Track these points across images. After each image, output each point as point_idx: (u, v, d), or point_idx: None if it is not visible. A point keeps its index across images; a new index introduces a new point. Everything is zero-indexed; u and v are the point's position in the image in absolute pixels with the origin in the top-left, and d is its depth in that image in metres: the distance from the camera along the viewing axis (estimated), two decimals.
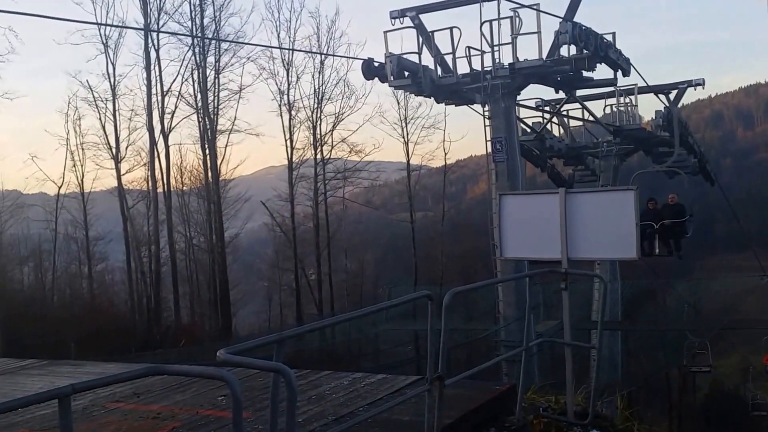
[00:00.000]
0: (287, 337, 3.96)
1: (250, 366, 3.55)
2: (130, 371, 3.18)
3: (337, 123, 33.72)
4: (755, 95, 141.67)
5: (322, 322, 5.09)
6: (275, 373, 3.54)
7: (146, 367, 3.18)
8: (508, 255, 7.00)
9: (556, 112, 18.15)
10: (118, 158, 30.71)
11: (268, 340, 3.85)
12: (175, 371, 3.30)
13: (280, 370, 3.40)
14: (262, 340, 3.88)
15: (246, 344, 3.76)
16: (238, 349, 3.66)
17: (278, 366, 3.41)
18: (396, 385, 6.80)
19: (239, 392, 3.12)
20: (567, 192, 6.35)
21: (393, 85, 15.14)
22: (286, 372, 3.37)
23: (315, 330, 5.33)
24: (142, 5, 29.47)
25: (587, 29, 13.29)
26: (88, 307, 28.16)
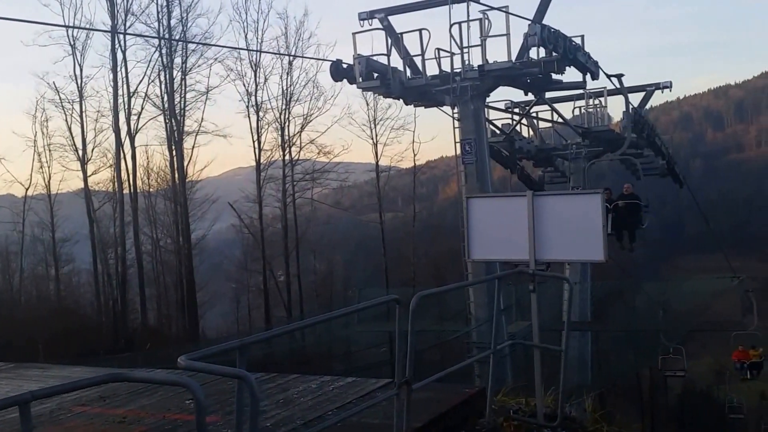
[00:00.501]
0: (250, 343, 3.96)
1: (211, 372, 3.54)
2: (92, 378, 3.15)
3: (305, 124, 33.82)
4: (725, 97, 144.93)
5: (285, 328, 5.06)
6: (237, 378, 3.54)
7: (107, 374, 3.15)
8: (476, 257, 7.09)
9: (525, 113, 18.36)
10: (85, 160, 30.62)
11: (231, 346, 3.85)
12: (137, 378, 3.28)
13: (242, 377, 3.40)
14: (224, 346, 3.86)
15: (208, 350, 3.74)
16: (200, 355, 3.65)
17: (240, 373, 3.41)
18: (365, 388, 6.82)
19: (202, 399, 3.10)
20: (534, 195, 6.46)
21: (361, 86, 15.15)
22: (247, 378, 3.37)
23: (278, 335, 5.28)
24: (109, 7, 29.43)
25: (556, 32, 13.46)
26: (55, 309, 27.98)
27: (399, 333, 4.96)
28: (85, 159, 30.54)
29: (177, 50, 30.80)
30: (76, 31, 29.41)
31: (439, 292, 6.69)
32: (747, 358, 23.32)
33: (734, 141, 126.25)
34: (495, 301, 6.20)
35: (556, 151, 20.26)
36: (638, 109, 19.39)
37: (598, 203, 6.21)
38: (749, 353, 23.26)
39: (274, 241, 34.41)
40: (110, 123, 30.36)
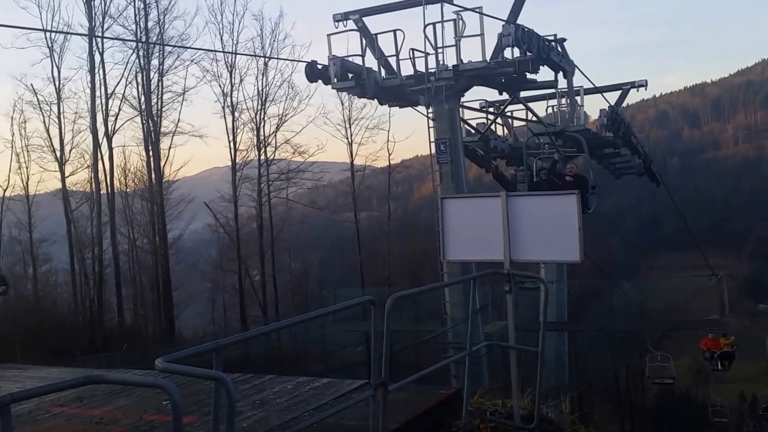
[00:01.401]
0: (225, 345, 4.06)
1: (188, 374, 3.63)
2: (69, 380, 3.22)
3: (280, 124, 34.03)
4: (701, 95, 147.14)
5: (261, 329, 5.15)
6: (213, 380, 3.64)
7: (84, 377, 3.23)
8: (451, 257, 7.24)
9: (500, 113, 18.58)
10: (62, 161, 30.68)
11: (207, 348, 3.94)
12: (113, 380, 3.36)
13: (218, 379, 3.50)
14: (200, 348, 3.95)
15: (184, 352, 3.83)
16: (176, 357, 3.74)
17: (216, 374, 3.50)
18: (341, 389, 6.92)
19: (179, 400, 3.19)
20: (508, 195, 6.61)
21: (336, 87, 15.26)
22: (224, 380, 3.47)
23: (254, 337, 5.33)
24: (87, 9, 29.47)
25: (530, 31, 13.68)
26: (32, 309, 27.90)
27: (374, 334, 5.08)
28: (62, 160, 30.64)
29: (154, 52, 31.02)
30: (54, 33, 29.58)
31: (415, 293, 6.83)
32: (717, 347, 21.84)
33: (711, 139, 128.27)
34: (470, 302, 6.34)
35: (529, 150, 20.47)
36: (615, 107, 19.70)
37: (574, 204, 6.38)
38: (719, 342, 21.80)
39: (249, 241, 34.46)
40: (88, 124, 30.48)
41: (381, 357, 5.07)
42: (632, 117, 55.61)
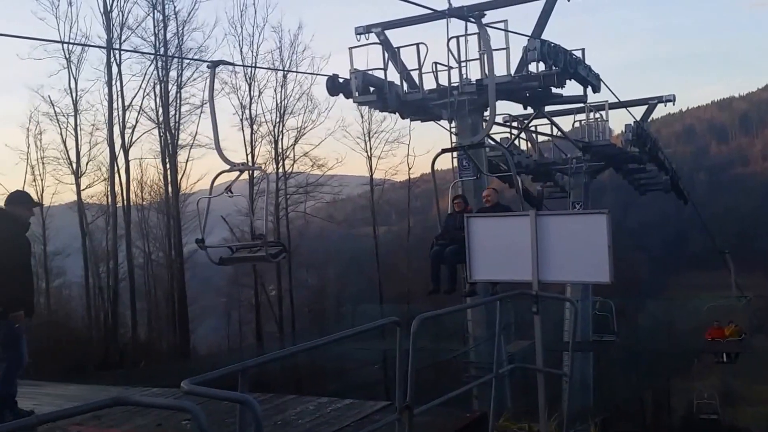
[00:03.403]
0: (251, 367, 4.07)
1: (215, 397, 3.63)
2: (95, 402, 3.25)
3: (299, 137, 34.11)
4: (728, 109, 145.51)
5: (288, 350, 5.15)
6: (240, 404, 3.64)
7: (111, 399, 3.25)
8: (478, 277, 7.21)
9: (524, 127, 18.53)
10: (79, 173, 30.89)
11: (233, 370, 3.96)
12: (140, 402, 3.37)
13: (246, 402, 3.50)
14: (226, 370, 3.97)
15: (209, 375, 3.85)
16: (201, 380, 3.76)
17: (244, 398, 3.50)
18: (363, 410, 6.90)
19: (205, 424, 3.19)
20: (537, 214, 6.58)
21: (358, 101, 15.32)
22: (251, 404, 3.47)
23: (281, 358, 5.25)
24: (105, 21, 29.85)
25: (556, 46, 13.66)
26: (45, 323, 28.11)
27: (399, 356, 5.05)
28: (78, 172, 30.85)
29: (172, 64, 31.28)
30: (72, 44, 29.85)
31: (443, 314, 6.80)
32: (722, 336, 20.41)
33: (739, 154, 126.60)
34: (497, 324, 6.30)
35: (556, 166, 20.41)
36: (641, 122, 19.59)
37: (604, 223, 6.33)
38: (724, 331, 20.44)
39: None
40: (105, 136, 30.72)
41: (406, 379, 5.05)
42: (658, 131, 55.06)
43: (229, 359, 29.80)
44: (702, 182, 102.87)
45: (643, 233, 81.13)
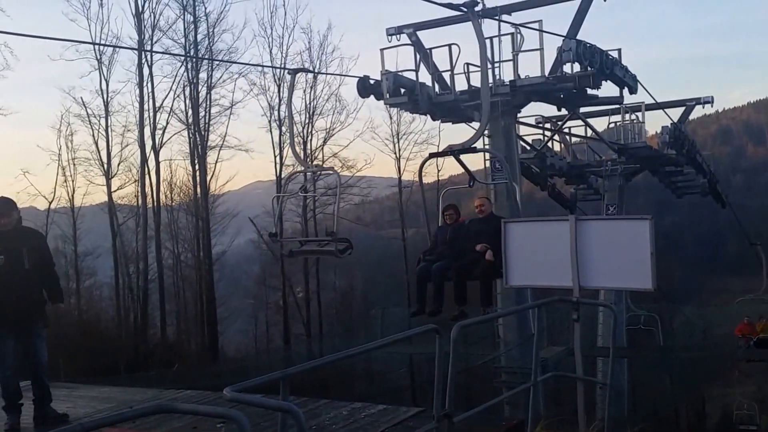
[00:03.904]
0: (292, 374, 4.07)
1: (259, 405, 3.64)
2: (140, 408, 3.26)
3: (327, 138, 34.29)
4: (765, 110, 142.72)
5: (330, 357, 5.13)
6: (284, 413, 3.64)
7: (155, 405, 3.27)
8: (515, 283, 7.12)
9: (558, 129, 18.34)
10: (109, 174, 31.50)
11: (274, 377, 3.97)
12: (184, 410, 3.38)
13: (291, 411, 3.49)
14: (267, 377, 3.98)
15: (251, 382, 3.86)
16: (243, 387, 3.76)
17: (289, 407, 3.50)
18: (397, 417, 6.86)
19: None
20: (578, 219, 6.48)
21: (389, 102, 15.26)
22: (296, 414, 3.46)
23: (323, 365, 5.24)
24: (136, 22, 30.42)
25: (592, 47, 13.48)
26: (76, 323, 28.54)
27: (438, 363, 5.02)
28: (109, 173, 31.48)
29: (202, 65, 31.83)
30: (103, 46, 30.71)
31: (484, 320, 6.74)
32: (753, 332, 19.79)
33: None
34: (535, 330, 6.22)
35: (590, 168, 20.16)
36: (678, 124, 19.26)
37: (647, 229, 6.22)
38: (755, 327, 19.81)
39: None
40: (135, 138, 31.36)
41: (445, 386, 5.01)
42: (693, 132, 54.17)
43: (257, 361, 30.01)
44: (738, 184, 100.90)
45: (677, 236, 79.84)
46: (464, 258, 8.77)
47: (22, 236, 6.64)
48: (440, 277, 8.93)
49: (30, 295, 6.53)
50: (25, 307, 6.49)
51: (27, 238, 6.70)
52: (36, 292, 6.64)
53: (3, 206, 6.57)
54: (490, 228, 8.57)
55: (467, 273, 8.80)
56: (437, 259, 9.06)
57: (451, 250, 9.03)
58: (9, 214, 6.54)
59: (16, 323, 6.45)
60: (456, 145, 8.34)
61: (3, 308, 6.33)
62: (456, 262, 8.84)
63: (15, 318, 6.41)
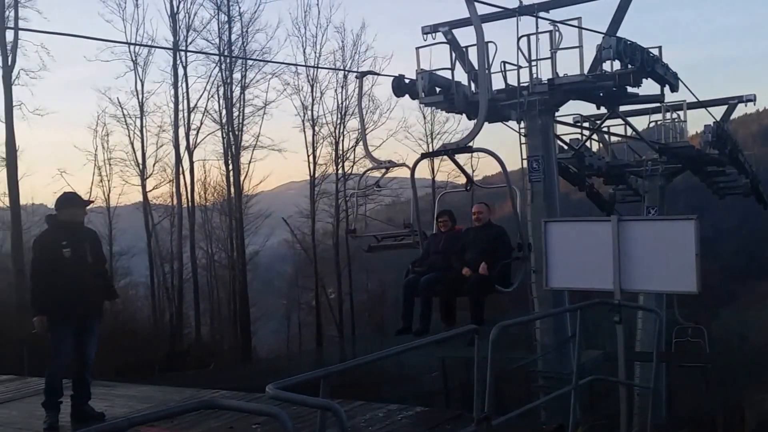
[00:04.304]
0: (333, 373, 4.10)
1: (301, 403, 3.66)
2: (185, 404, 3.32)
3: (360, 139, 34.18)
4: None
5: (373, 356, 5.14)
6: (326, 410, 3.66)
7: (198, 402, 3.33)
8: (554, 285, 7.06)
9: (596, 128, 18.08)
10: (145, 174, 32.02)
11: (315, 375, 4.00)
12: (227, 406, 3.42)
13: (332, 409, 3.51)
14: (308, 375, 4.03)
15: (292, 379, 3.89)
16: (285, 384, 3.79)
17: (330, 405, 3.52)
18: (434, 419, 6.85)
19: (291, 430, 3.21)
20: (620, 219, 6.39)
21: (424, 102, 15.20)
22: (338, 411, 3.48)
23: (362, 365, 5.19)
24: (171, 23, 30.91)
25: (632, 44, 13.25)
26: (111, 323, 29.12)
27: (477, 365, 5.00)
28: (145, 173, 32.00)
29: (236, 65, 32.22)
30: (139, 46, 31.17)
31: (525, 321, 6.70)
32: None
33: None
34: (578, 333, 6.15)
35: (630, 168, 19.85)
36: (721, 123, 18.87)
37: (692, 230, 6.11)
38: None
39: (326, 258, 34.78)
40: (170, 138, 31.88)
41: (485, 389, 4.99)
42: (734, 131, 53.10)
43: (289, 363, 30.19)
44: None
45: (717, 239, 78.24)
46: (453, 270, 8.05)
47: (85, 232, 6.90)
48: (429, 292, 8.15)
49: (92, 289, 6.75)
50: (87, 300, 6.68)
51: (88, 235, 6.97)
52: (96, 287, 6.86)
53: (79, 200, 6.91)
54: (486, 238, 8.13)
55: (457, 288, 7.97)
56: (427, 271, 8.32)
57: (443, 261, 8.28)
58: (81, 208, 6.86)
59: (77, 317, 6.62)
60: (450, 144, 7.82)
61: (67, 300, 6.50)
62: (447, 274, 8.09)
63: (77, 311, 6.58)
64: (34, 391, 8.65)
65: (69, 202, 6.77)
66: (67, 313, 6.54)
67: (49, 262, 6.52)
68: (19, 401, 8.21)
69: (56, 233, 6.62)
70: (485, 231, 8.31)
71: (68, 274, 6.48)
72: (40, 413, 7.14)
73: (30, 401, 8.16)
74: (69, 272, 6.49)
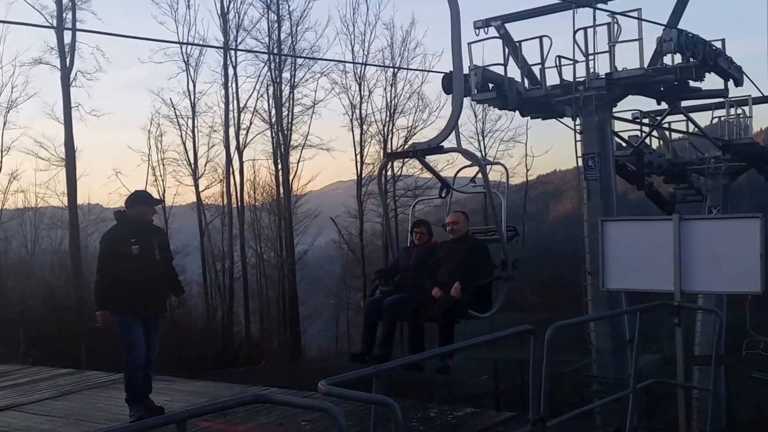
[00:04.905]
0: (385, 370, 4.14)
1: (355, 399, 3.71)
2: (238, 397, 3.43)
3: (409, 137, 34.03)
4: None
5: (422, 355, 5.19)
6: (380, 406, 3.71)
7: (253, 396, 3.41)
8: (612, 286, 6.96)
9: (657, 125, 17.71)
10: (197, 174, 32.68)
11: (367, 372, 4.05)
12: (279, 401, 3.51)
13: (387, 405, 3.54)
14: (361, 372, 4.08)
15: (345, 375, 3.95)
16: (338, 380, 3.86)
17: (385, 400, 3.55)
18: (486, 420, 6.82)
19: (344, 426, 3.26)
20: (681, 218, 6.27)
21: (476, 99, 15.18)
22: (392, 406, 3.51)
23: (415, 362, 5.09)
24: (221, 23, 31.43)
25: (694, 36, 12.97)
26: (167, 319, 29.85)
27: (533, 366, 4.99)
28: (197, 174, 32.64)
29: (285, 65, 32.45)
30: (190, 47, 31.63)
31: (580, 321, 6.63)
32: None
33: None
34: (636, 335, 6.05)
35: (691, 166, 19.37)
36: None
37: (757, 229, 5.96)
38: None
39: (374, 258, 34.87)
40: (221, 138, 32.38)
41: (540, 390, 4.98)
42: None
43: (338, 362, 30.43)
44: None
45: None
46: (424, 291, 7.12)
47: (153, 229, 7.15)
48: (393, 315, 7.28)
49: (158, 286, 6.99)
50: (153, 297, 6.92)
51: (156, 232, 7.23)
52: (163, 283, 7.11)
53: (150, 198, 7.21)
54: (461, 252, 7.17)
55: (426, 312, 7.02)
56: (395, 290, 7.48)
57: (413, 279, 7.37)
58: (151, 207, 7.12)
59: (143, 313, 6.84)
60: (420, 144, 6.54)
61: (133, 297, 6.72)
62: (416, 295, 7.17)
63: (142, 307, 6.80)
64: (93, 384, 9.05)
65: (139, 200, 7.02)
66: (133, 309, 6.76)
67: (117, 257, 6.74)
68: (78, 393, 8.52)
69: (125, 230, 6.85)
70: (462, 243, 7.33)
71: (135, 270, 6.69)
72: (99, 405, 7.40)
73: (89, 393, 8.49)
74: (136, 269, 6.70)
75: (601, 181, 14.40)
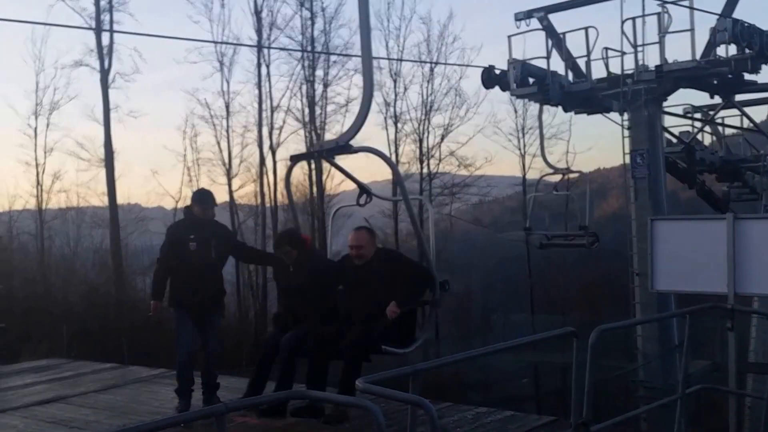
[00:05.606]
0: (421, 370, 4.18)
1: (392, 398, 3.75)
2: (271, 395, 3.49)
3: (445, 135, 33.96)
4: None
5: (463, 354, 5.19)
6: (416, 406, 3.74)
7: (291, 392, 3.48)
8: (661, 288, 6.88)
9: (709, 120, 17.39)
10: (230, 174, 33.07)
11: (404, 372, 4.09)
12: (318, 397, 3.56)
13: (422, 405, 3.58)
14: (397, 371, 4.11)
15: (383, 374, 3.99)
16: (376, 379, 3.91)
17: (420, 400, 3.58)
18: (527, 424, 6.82)
19: (383, 423, 3.30)
20: (736, 218, 6.18)
21: (516, 93, 15.10)
22: (428, 407, 3.54)
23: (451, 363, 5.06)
24: (255, 21, 31.68)
25: (750, 26, 12.72)
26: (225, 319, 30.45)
27: (576, 369, 4.98)
28: (230, 173, 33.02)
29: (319, 63, 32.61)
30: (224, 47, 31.98)
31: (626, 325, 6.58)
32: None
33: None
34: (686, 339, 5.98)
35: (746, 164, 18.95)
36: None
37: None
38: None
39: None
40: (255, 138, 32.72)
41: (583, 394, 4.96)
42: None
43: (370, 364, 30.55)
44: None
45: None
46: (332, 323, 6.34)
47: (213, 228, 7.36)
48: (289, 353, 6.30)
49: (214, 284, 7.24)
50: (209, 295, 7.14)
51: (216, 231, 7.42)
52: (219, 282, 7.37)
53: (209, 198, 7.43)
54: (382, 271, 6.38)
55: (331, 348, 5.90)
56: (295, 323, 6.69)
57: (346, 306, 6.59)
58: (211, 206, 7.36)
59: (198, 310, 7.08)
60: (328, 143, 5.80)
61: (184, 291, 7.02)
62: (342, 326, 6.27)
63: (193, 302, 7.02)
64: (135, 378, 9.44)
65: (199, 200, 7.32)
66: (184, 303, 7.04)
67: (174, 250, 7.08)
68: (121, 387, 8.89)
69: (187, 226, 7.20)
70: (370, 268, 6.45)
71: (190, 266, 6.97)
72: (141, 399, 7.71)
73: (132, 387, 8.88)
74: (190, 265, 6.97)
75: (650, 179, 14.20)
